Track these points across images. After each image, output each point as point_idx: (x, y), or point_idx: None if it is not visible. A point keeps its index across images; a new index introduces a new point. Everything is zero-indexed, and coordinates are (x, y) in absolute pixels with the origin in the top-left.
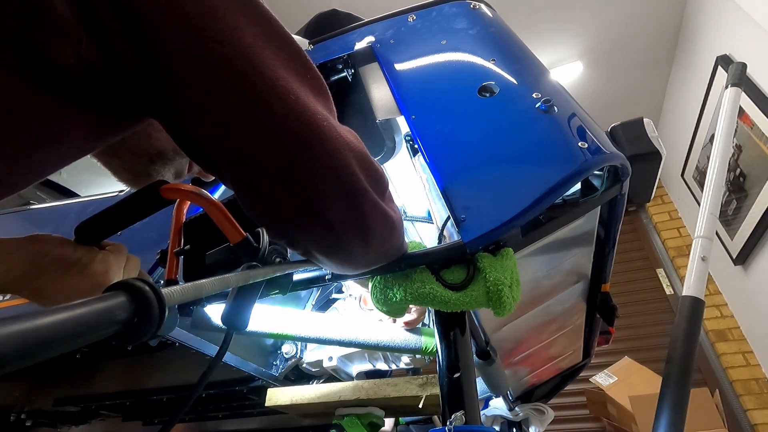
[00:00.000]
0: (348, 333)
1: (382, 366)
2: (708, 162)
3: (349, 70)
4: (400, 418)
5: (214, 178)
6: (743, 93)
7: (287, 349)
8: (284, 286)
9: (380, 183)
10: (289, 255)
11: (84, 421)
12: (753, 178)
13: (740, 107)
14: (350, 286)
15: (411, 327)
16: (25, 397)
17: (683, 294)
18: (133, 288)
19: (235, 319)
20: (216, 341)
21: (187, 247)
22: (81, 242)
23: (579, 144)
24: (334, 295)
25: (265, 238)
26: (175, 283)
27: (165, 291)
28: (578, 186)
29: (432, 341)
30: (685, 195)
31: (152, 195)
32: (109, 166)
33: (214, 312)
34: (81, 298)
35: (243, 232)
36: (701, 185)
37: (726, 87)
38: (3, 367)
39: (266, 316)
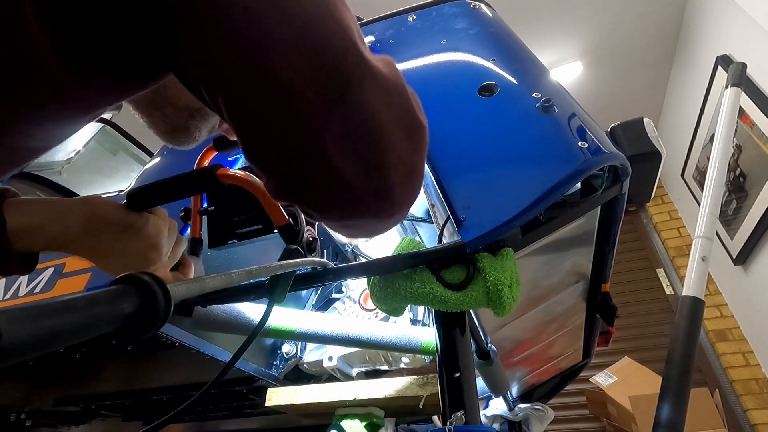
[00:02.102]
0: (348, 332)
1: (382, 366)
2: (708, 162)
3: None
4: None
5: None
6: (743, 93)
7: (287, 349)
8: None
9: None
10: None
11: (84, 421)
12: (753, 178)
13: (740, 107)
14: (350, 286)
15: None
16: (25, 397)
17: (683, 294)
18: (139, 282)
19: (276, 291)
20: (216, 341)
21: (212, 208)
22: (131, 208)
23: (579, 144)
24: (334, 295)
25: (302, 221)
26: (200, 241)
27: (170, 287)
28: (578, 186)
29: (432, 341)
30: (685, 195)
31: (208, 176)
32: (150, 119)
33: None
34: (136, 258)
35: (286, 216)
36: (701, 185)
37: (726, 87)
38: (15, 356)
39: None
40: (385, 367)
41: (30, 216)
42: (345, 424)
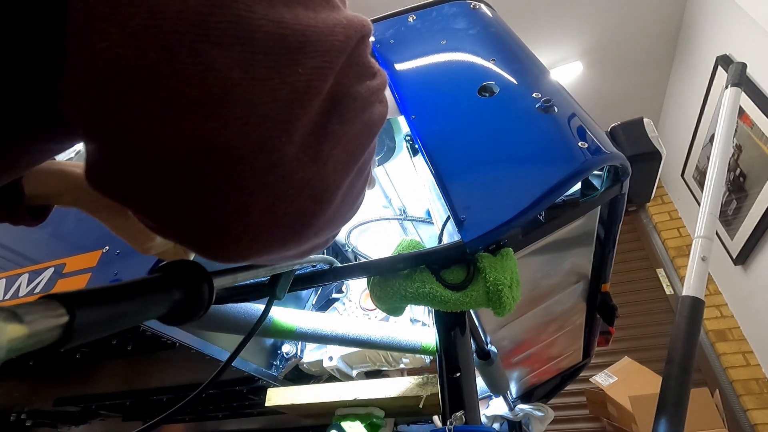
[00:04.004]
0: (348, 332)
1: (382, 366)
2: (708, 162)
3: None
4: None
5: None
6: (743, 93)
7: (287, 349)
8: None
9: None
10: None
11: (84, 421)
12: (753, 178)
13: (740, 107)
14: (350, 286)
15: None
16: (25, 397)
17: (683, 294)
18: (185, 271)
19: (277, 289)
20: (216, 341)
21: None
22: None
23: (579, 144)
24: (334, 295)
25: None
26: None
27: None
28: (578, 186)
29: (432, 341)
30: (685, 195)
31: None
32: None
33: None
34: (129, 236)
35: None
36: (701, 185)
37: (726, 87)
38: (84, 337)
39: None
40: (386, 368)
41: (46, 186)
42: (345, 424)
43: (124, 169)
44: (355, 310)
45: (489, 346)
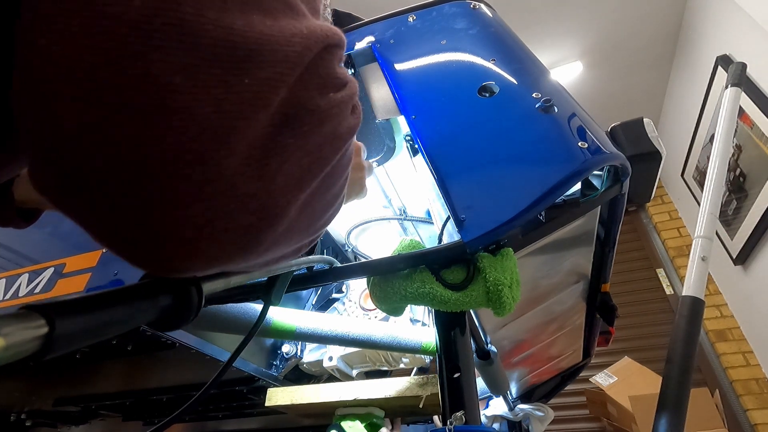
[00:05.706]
0: (348, 332)
1: (382, 366)
2: (708, 162)
3: (349, 70)
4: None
5: None
6: (743, 93)
7: (287, 349)
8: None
9: None
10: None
11: (84, 421)
12: (753, 178)
13: (740, 107)
14: (350, 286)
15: None
16: (25, 397)
17: (683, 294)
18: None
19: (272, 295)
20: (216, 341)
21: None
22: None
23: (579, 144)
24: (334, 295)
25: None
26: None
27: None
28: (578, 186)
29: (432, 341)
30: (685, 195)
31: None
32: None
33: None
34: None
35: None
36: (701, 185)
37: (726, 87)
38: (65, 347)
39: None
40: (386, 367)
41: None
42: (345, 424)
43: (54, 174)
44: (355, 310)
45: (489, 346)
